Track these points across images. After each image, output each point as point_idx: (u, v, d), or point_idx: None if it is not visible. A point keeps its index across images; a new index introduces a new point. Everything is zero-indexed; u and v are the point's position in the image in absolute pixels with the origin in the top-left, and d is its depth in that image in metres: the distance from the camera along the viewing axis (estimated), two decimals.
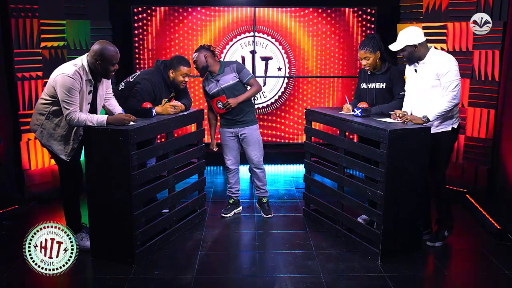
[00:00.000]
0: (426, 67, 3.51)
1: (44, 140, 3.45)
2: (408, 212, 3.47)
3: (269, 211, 4.38)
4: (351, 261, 3.50)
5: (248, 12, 6.29)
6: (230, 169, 4.35)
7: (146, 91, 3.79)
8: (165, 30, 6.27)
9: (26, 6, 4.65)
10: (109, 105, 3.66)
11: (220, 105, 4.11)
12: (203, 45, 4.18)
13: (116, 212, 3.35)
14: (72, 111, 3.24)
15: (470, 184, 4.93)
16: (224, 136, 4.27)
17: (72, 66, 3.29)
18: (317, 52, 6.40)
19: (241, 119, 4.19)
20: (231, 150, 4.29)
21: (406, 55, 3.53)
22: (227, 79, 4.12)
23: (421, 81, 3.54)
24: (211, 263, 3.48)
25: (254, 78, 4.21)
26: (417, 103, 3.59)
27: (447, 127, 3.55)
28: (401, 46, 3.50)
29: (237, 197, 4.45)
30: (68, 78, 3.22)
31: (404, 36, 3.49)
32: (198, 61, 4.11)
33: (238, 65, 4.18)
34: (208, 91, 4.20)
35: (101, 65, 3.31)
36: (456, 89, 3.40)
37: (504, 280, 3.27)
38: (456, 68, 3.43)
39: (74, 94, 3.24)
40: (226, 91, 4.12)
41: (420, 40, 3.46)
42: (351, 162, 3.71)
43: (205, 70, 4.14)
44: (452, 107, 3.43)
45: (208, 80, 4.21)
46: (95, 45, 3.33)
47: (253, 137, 4.25)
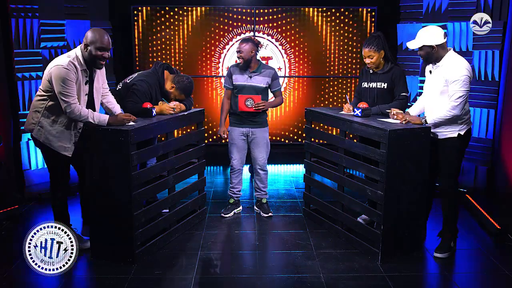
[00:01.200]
0: (439, 70, 3.43)
1: (42, 138, 3.36)
2: (408, 212, 3.47)
3: (268, 211, 4.38)
4: (351, 261, 3.50)
5: (248, 12, 6.29)
6: (235, 169, 4.32)
7: (142, 93, 3.77)
8: (165, 30, 6.27)
9: (26, 6, 4.65)
10: (107, 102, 3.64)
11: (249, 103, 4.06)
12: (253, 39, 4.13)
13: (116, 212, 3.35)
14: (72, 103, 3.18)
15: (470, 184, 4.93)
16: (234, 135, 4.24)
17: (66, 57, 3.25)
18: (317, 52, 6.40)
19: (254, 119, 4.18)
20: (239, 150, 4.27)
21: (423, 55, 3.44)
22: (261, 80, 4.12)
23: (432, 84, 3.50)
24: (211, 263, 3.48)
25: (281, 91, 4.29)
26: (427, 105, 3.57)
27: (453, 133, 3.46)
28: (419, 45, 3.41)
29: (238, 197, 4.44)
30: (62, 69, 3.17)
31: (423, 35, 3.40)
32: (244, 52, 4.04)
33: (275, 74, 4.21)
34: (233, 81, 4.16)
35: (88, 51, 3.26)
36: (459, 100, 3.31)
37: (504, 280, 3.27)
38: (467, 78, 3.31)
39: (71, 85, 3.18)
40: (251, 89, 4.10)
41: (439, 41, 3.36)
42: (351, 162, 3.71)
43: (246, 63, 4.09)
44: (451, 117, 3.36)
45: (240, 71, 4.15)
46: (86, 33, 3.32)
47: (263, 138, 4.24)
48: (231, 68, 4.21)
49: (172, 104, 3.87)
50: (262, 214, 4.39)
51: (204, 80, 6.43)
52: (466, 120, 3.48)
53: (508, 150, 4.47)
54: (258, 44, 4.11)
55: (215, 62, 6.41)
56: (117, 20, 5.97)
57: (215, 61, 6.41)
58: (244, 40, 4.10)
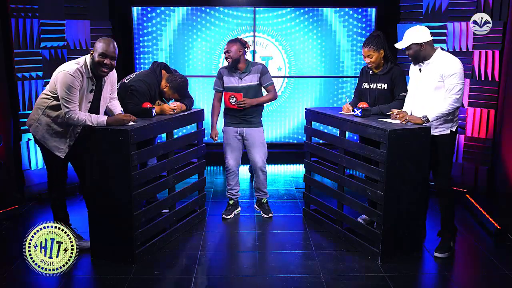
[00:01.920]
0: (431, 67, 3.46)
1: (38, 136, 3.40)
2: (408, 212, 3.47)
3: (269, 211, 4.38)
4: (351, 261, 3.50)
5: (248, 12, 6.29)
6: (230, 170, 4.30)
7: (142, 93, 3.78)
8: (165, 30, 6.27)
9: (26, 6, 4.64)
10: (110, 105, 3.65)
11: (233, 101, 4.08)
12: (240, 39, 4.14)
13: (116, 212, 3.35)
14: (71, 110, 3.22)
15: (470, 184, 4.93)
16: (229, 135, 4.24)
17: (75, 64, 3.28)
18: (317, 52, 6.40)
19: (249, 119, 4.17)
20: (234, 151, 4.26)
21: (412, 54, 3.48)
22: (251, 79, 4.13)
23: (424, 81, 3.51)
24: (211, 263, 3.48)
25: (273, 86, 4.23)
26: (418, 103, 3.56)
27: (446, 130, 3.50)
28: (407, 44, 3.45)
29: (237, 198, 4.43)
30: (68, 76, 3.20)
31: (411, 34, 3.45)
32: (232, 52, 4.04)
33: (263, 68, 4.19)
34: (225, 83, 4.17)
35: (92, 57, 3.28)
36: (459, 92, 3.36)
37: (504, 280, 3.27)
38: (462, 71, 3.38)
39: (74, 92, 3.22)
40: (243, 90, 4.11)
41: (426, 38, 3.41)
42: (351, 162, 3.71)
43: (235, 62, 4.09)
44: (453, 109, 3.40)
45: (229, 73, 4.16)
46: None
47: (259, 138, 4.23)
48: (221, 70, 4.20)
49: (173, 104, 3.87)
50: (262, 214, 4.39)
51: (204, 80, 6.43)
52: (456, 117, 3.53)
53: (508, 150, 4.47)
54: (245, 44, 4.12)
55: (215, 62, 6.41)
56: (117, 20, 5.97)
57: (215, 61, 6.40)
58: (231, 40, 4.12)
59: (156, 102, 3.88)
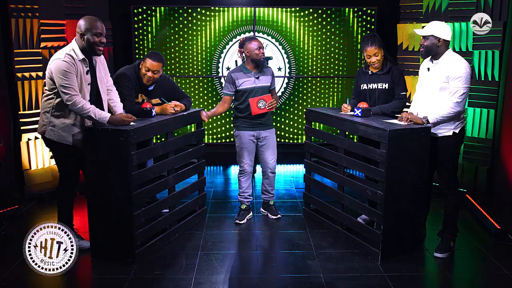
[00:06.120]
0: (438, 67, 3.44)
1: (56, 137, 3.37)
2: (408, 212, 3.47)
3: (276, 213, 4.36)
4: (351, 261, 3.50)
5: (248, 12, 6.29)
6: (246, 173, 4.22)
7: (127, 88, 3.76)
8: (165, 30, 6.27)
9: (26, 6, 4.64)
10: (110, 101, 3.62)
11: (262, 105, 4.02)
12: (257, 39, 4.08)
13: (116, 212, 3.35)
14: (73, 94, 3.20)
15: (470, 184, 4.93)
16: (245, 139, 4.14)
17: (62, 51, 3.29)
18: (317, 52, 6.40)
19: (265, 121, 4.15)
20: (250, 154, 4.20)
21: (427, 45, 3.43)
22: (266, 79, 4.12)
23: (431, 81, 3.49)
24: (211, 263, 3.48)
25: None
26: (424, 103, 3.55)
27: (448, 131, 3.47)
28: (428, 33, 3.41)
29: (249, 202, 4.34)
30: (60, 62, 3.21)
31: (434, 26, 3.42)
32: (252, 52, 4.00)
33: (273, 72, 4.24)
34: (238, 85, 4.06)
35: (85, 38, 3.28)
36: (462, 97, 3.33)
37: (504, 280, 3.27)
38: (468, 75, 3.35)
39: (70, 77, 3.21)
40: (260, 90, 4.07)
41: (446, 37, 3.40)
42: (351, 162, 3.71)
43: (255, 62, 4.04)
44: (454, 114, 3.37)
45: (243, 74, 4.07)
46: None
47: (273, 140, 4.22)
48: (233, 74, 4.08)
49: (173, 104, 3.87)
50: (270, 216, 4.35)
51: (204, 80, 6.43)
52: (461, 118, 3.50)
53: (508, 150, 4.47)
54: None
55: (215, 62, 6.41)
56: (117, 20, 5.97)
57: (215, 61, 6.40)
58: (251, 38, 4.05)
59: (139, 96, 3.85)
